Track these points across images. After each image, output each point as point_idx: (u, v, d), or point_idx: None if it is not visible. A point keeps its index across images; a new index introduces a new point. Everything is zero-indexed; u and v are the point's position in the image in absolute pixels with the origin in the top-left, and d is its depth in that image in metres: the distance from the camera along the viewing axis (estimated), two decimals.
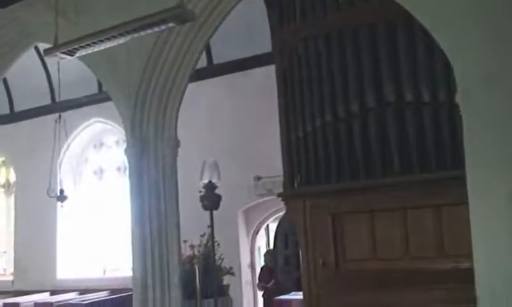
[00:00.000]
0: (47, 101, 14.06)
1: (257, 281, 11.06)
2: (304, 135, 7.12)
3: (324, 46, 7.02)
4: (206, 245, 7.88)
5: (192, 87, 8.35)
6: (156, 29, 5.14)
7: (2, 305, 12.48)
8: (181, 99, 7.80)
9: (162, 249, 7.46)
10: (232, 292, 8.67)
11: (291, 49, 7.35)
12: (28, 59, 10.85)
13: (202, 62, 10.40)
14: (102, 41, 5.27)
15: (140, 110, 7.76)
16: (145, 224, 7.57)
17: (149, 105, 7.71)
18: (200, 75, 10.01)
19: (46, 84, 13.99)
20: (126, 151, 8.00)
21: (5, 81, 13.24)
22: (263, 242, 12.25)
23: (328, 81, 6.97)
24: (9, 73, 10.47)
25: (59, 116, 12.62)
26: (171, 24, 5.07)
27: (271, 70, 8.02)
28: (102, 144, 14.60)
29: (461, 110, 5.15)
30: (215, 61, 11.72)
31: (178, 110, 7.79)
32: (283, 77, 7.47)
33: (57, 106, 13.48)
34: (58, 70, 11.66)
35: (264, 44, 10.17)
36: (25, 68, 11.50)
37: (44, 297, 13.27)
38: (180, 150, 8.04)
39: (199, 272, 7.32)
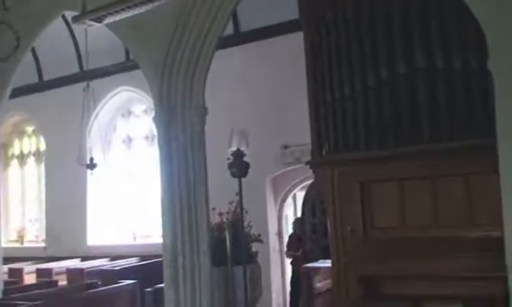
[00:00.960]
0: (75, 69, 14.15)
1: (285, 249, 11.13)
2: (332, 103, 7.07)
3: (353, 12, 6.92)
4: (234, 212, 7.91)
5: (219, 54, 8.30)
6: None
7: (36, 270, 12.79)
8: (208, 66, 7.76)
9: (191, 216, 7.52)
10: (259, 260, 8.73)
11: (319, 16, 7.26)
12: (56, 28, 10.87)
13: (229, 30, 10.33)
14: (129, 7, 5.26)
15: (168, 78, 7.75)
16: (174, 192, 7.62)
17: (177, 73, 7.69)
18: (226, 42, 9.95)
19: (74, 53, 14.07)
20: (154, 119, 8.04)
21: (33, 50, 13.33)
22: (290, 211, 12.29)
23: (357, 48, 6.88)
24: (37, 43, 10.53)
25: (88, 85, 12.74)
26: None
27: (298, 36, 7.94)
28: (130, 113, 14.71)
29: (493, 78, 5.04)
30: (242, 29, 11.63)
31: (205, 77, 7.76)
32: (311, 45, 7.39)
33: (85, 74, 13.59)
34: (86, 38, 11.76)
35: (291, 10, 10.05)
36: (53, 37, 11.55)
37: (75, 263, 13.57)
38: (207, 118, 8.04)
39: (229, 239, 7.37)
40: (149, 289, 9.64)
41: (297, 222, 11.14)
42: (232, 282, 7.57)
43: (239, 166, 6.69)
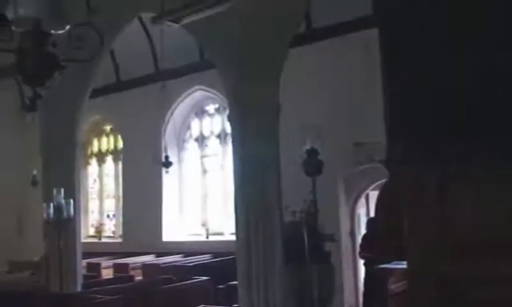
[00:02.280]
0: (151, 70, 14.50)
1: (358, 249, 10.96)
2: (410, 99, 6.88)
3: (434, 4, 6.70)
4: (308, 211, 7.87)
5: (291, 52, 8.28)
6: None
7: (113, 265, 13.19)
8: (282, 65, 7.76)
9: (264, 214, 7.53)
10: (332, 259, 8.65)
11: (396, 9, 7.08)
12: (132, 29, 11.18)
13: (301, 28, 10.28)
14: (206, 7, 5.32)
15: (242, 77, 7.80)
16: (247, 190, 7.65)
17: (251, 72, 7.73)
18: (299, 40, 9.91)
19: (150, 54, 14.42)
20: (228, 117, 8.12)
21: (111, 52, 13.76)
22: (363, 210, 12.09)
23: (440, 42, 6.64)
24: (115, 44, 10.85)
25: (163, 85, 13.05)
26: None
27: (371, 33, 7.78)
28: (203, 112, 14.94)
29: None
30: (314, 26, 11.56)
31: (279, 76, 7.76)
32: (387, 40, 7.22)
33: (160, 75, 13.91)
34: (161, 39, 12.03)
35: (364, 6, 9.90)
36: (130, 39, 11.88)
37: (150, 258, 13.91)
38: (280, 116, 8.04)
39: (307, 237, 7.33)
40: (222, 286, 9.74)
41: (371, 222, 10.94)
42: (304, 281, 7.54)
43: (313, 164, 6.64)
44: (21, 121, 17.35)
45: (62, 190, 8.39)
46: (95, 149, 17.21)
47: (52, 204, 8.48)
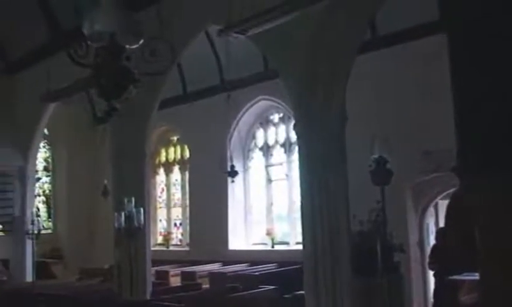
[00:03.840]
0: (216, 81, 14.71)
1: (428, 260, 10.70)
2: (484, 106, 6.66)
3: (506, 10, 6.48)
4: (375, 221, 7.75)
5: (357, 60, 8.20)
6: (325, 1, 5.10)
7: (180, 273, 13.41)
8: (348, 73, 7.69)
9: (331, 223, 7.46)
10: (401, 270, 8.48)
11: (469, 17, 6.89)
12: (198, 41, 11.36)
13: (366, 35, 10.18)
14: (272, 18, 5.36)
15: (308, 86, 7.78)
16: (314, 199, 7.61)
17: (317, 81, 7.69)
18: (364, 47, 9.82)
19: (215, 65, 14.64)
20: (294, 126, 8.11)
21: (178, 64, 14.05)
22: (432, 220, 11.80)
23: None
24: (181, 57, 11.06)
25: (228, 95, 13.24)
26: None
27: (438, 38, 7.62)
28: (268, 121, 15.02)
29: None
30: (379, 33, 11.42)
31: (346, 84, 7.69)
32: (458, 47, 7.03)
33: (225, 85, 14.10)
34: (226, 50, 12.20)
35: (429, 12, 9.72)
36: (196, 50, 12.08)
37: (217, 267, 14.06)
38: (346, 124, 7.95)
39: (371, 247, 7.21)
40: (288, 295, 9.71)
41: (441, 232, 10.66)
42: (373, 292, 7.41)
43: (382, 174, 6.53)
44: (92, 133, 17.95)
45: (133, 199, 8.60)
46: (163, 159, 17.61)
47: (123, 213, 8.71)
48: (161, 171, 17.67)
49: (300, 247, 9.73)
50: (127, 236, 9.02)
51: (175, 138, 17.33)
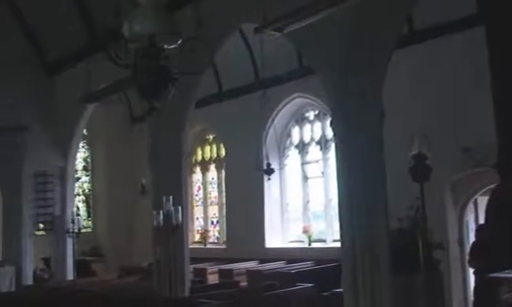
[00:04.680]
0: (251, 79, 14.75)
1: (468, 258, 10.53)
2: None
3: None
4: (415, 218, 7.66)
5: (394, 55, 8.10)
6: None
7: (218, 271, 13.50)
8: (386, 69, 7.60)
9: (369, 220, 7.38)
10: (440, 268, 8.36)
11: (501, 5, 6.76)
12: (232, 40, 11.39)
13: (403, 29, 10.05)
14: (308, 15, 5.34)
15: (344, 83, 7.72)
16: (352, 196, 7.56)
17: (353, 77, 7.63)
18: (401, 42, 9.70)
19: (250, 63, 14.67)
20: (331, 123, 8.06)
21: (213, 64, 14.13)
22: (472, 217, 11.60)
23: None
24: (216, 56, 11.11)
25: (263, 93, 13.25)
26: None
27: (475, 32, 7.48)
28: (303, 119, 14.98)
29: None
30: (416, 27, 11.27)
31: (383, 79, 7.60)
32: (498, 40, 6.92)
33: (260, 83, 14.12)
34: (261, 48, 12.21)
35: (466, 5, 9.55)
36: (230, 49, 12.12)
37: (254, 264, 14.10)
38: (384, 120, 7.86)
39: (410, 245, 7.14)
40: (326, 293, 9.67)
41: (481, 229, 10.47)
42: (413, 290, 7.33)
43: (421, 170, 6.46)
44: (130, 133, 18.21)
45: (171, 197, 8.68)
46: (199, 158, 17.74)
47: (161, 212, 8.80)
48: (197, 169, 17.82)
49: (337, 244, 9.70)
50: (165, 235, 9.12)
51: (211, 137, 17.45)
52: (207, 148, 17.62)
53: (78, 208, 18.24)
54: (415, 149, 6.52)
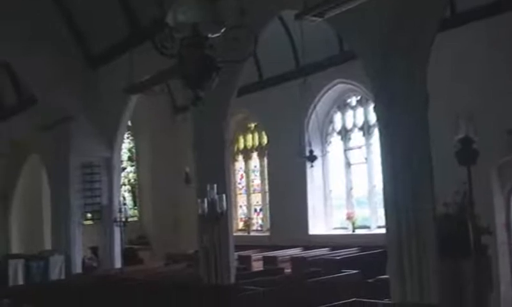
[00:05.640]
0: (292, 66, 14.71)
1: None
2: None
3: None
4: (462, 202, 7.51)
5: (437, 38, 7.95)
6: None
7: (262, 258, 13.58)
8: (429, 51, 7.45)
9: (415, 205, 7.28)
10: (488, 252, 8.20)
11: None
12: (272, 27, 11.37)
13: (446, 11, 9.85)
14: None
15: (387, 67, 7.61)
16: (397, 181, 7.46)
17: (396, 61, 7.51)
18: (444, 25, 9.52)
19: (290, 51, 14.63)
20: (375, 108, 7.98)
21: (254, 51, 14.11)
22: None
23: None
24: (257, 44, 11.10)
25: (304, 80, 13.20)
26: None
27: None
28: (345, 105, 14.88)
29: None
30: (458, 10, 11.04)
31: (427, 62, 7.45)
32: None
33: (301, 70, 14.07)
34: (301, 34, 12.15)
35: None
36: (270, 36, 12.11)
37: (298, 251, 14.14)
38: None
39: (458, 230, 7.01)
40: (371, 280, 9.63)
41: None
42: (460, 275, 7.23)
43: (468, 154, 6.34)
44: (172, 123, 18.44)
45: (215, 186, 8.78)
46: (241, 146, 17.84)
47: (206, 200, 8.92)
48: (240, 157, 17.93)
49: (382, 231, 9.64)
50: (210, 222, 9.24)
51: (253, 125, 17.51)
52: (249, 136, 17.71)
53: (124, 197, 18.63)
54: (462, 132, 6.40)
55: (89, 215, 15.56)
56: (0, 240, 18.71)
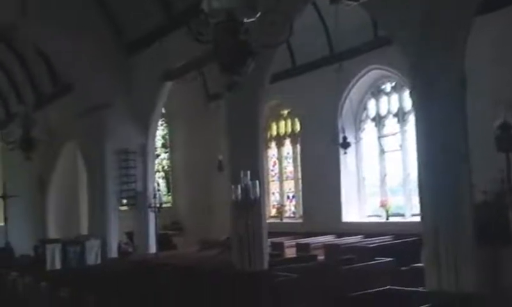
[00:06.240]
0: (326, 52, 14.56)
1: None
2: None
3: None
4: (501, 190, 7.35)
5: (475, 22, 7.76)
6: None
7: (295, 245, 13.56)
8: (467, 36, 7.27)
9: (452, 193, 7.13)
10: None
11: None
12: (305, 13, 11.26)
13: None
14: None
15: (423, 52, 7.45)
16: (434, 168, 7.32)
17: (432, 45, 7.35)
18: (483, 8, 9.27)
19: (324, 36, 14.48)
20: (411, 93, 7.84)
21: None
22: None
23: None
24: None
25: (339, 65, 13.06)
26: None
27: None
28: (379, 91, 14.69)
29: None
30: None
31: (464, 46, 7.27)
32: None
33: (335, 56, 13.94)
34: (336, 20, 12.02)
35: None
36: (304, 23, 11.99)
37: (331, 239, 14.07)
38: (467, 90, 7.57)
39: (497, 217, 6.87)
40: (405, 268, 9.53)
41: None
42: (498, 264, 7.09)
43: (507, 140, 6.19)
44: (205, 110, 18.49)
45: (248, 172, 8.78)
46: (274, 132, 17.80)
47: (239, 186, 8.93)
48: (273, 144, 17.90)
49: (416, 219, 9.51)
50: (243, 209, 9.25)
51: (286, 112, 17.43)
52: (282, 123, 17.63)
53: (158, 184, 18.82)
54: (500, 118, 6.25)
55: (124, 200, 15.77)
56: (37, 226, 19.12)
